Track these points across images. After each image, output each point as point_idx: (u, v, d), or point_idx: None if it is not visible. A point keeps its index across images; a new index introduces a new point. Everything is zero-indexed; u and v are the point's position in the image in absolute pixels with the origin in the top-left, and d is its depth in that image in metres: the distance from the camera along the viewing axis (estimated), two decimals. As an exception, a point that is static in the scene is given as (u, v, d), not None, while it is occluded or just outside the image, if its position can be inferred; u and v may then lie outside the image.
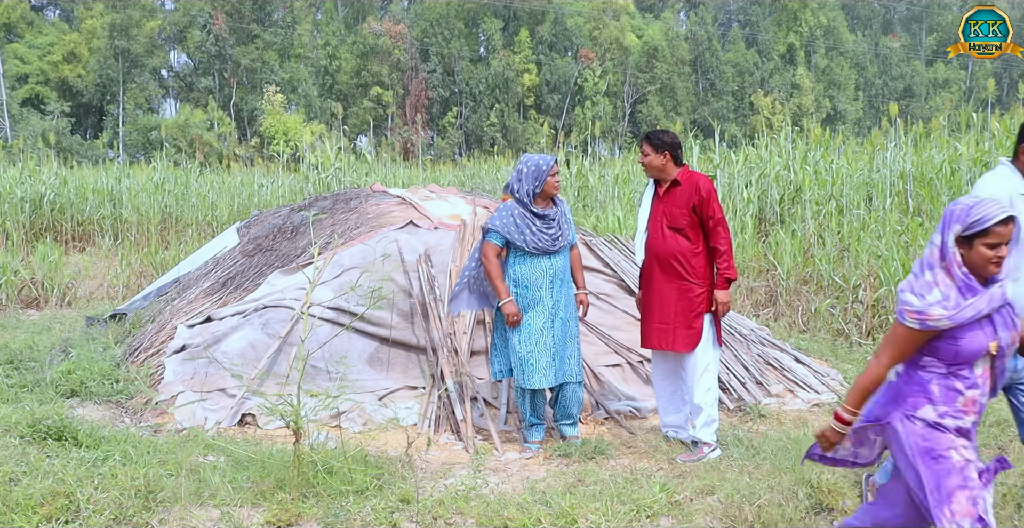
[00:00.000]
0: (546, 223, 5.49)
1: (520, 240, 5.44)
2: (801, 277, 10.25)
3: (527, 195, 5.48)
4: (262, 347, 6.55)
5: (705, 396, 5.42)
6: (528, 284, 5.47)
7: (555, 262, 5.51)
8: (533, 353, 5.43)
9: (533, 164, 5.48)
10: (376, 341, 6.68)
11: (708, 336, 5.44)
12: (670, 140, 5.47)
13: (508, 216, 5.50)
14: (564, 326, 5.53)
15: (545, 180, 5.46)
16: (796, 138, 15.01)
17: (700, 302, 5.39)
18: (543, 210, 5.50)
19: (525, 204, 5.48)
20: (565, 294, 5.55)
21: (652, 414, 6.28)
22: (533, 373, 5.43)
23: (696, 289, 5.39)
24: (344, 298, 6.64)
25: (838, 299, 9.48)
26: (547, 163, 5.47)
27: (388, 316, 6.73)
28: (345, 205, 9.35)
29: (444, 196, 9.21)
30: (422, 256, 7.31)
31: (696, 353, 5.41)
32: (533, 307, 5.46)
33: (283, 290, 7.14)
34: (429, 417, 5.96)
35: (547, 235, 5.47)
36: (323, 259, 7.27)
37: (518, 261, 5.51)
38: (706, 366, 5.42)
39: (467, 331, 6.71)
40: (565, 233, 5.56)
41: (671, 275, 5.41)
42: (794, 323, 9.43)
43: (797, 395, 6.81)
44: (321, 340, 6.18)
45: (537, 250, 5.45)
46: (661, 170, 5.48)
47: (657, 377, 5.74)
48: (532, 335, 5.43)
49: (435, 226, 7.95)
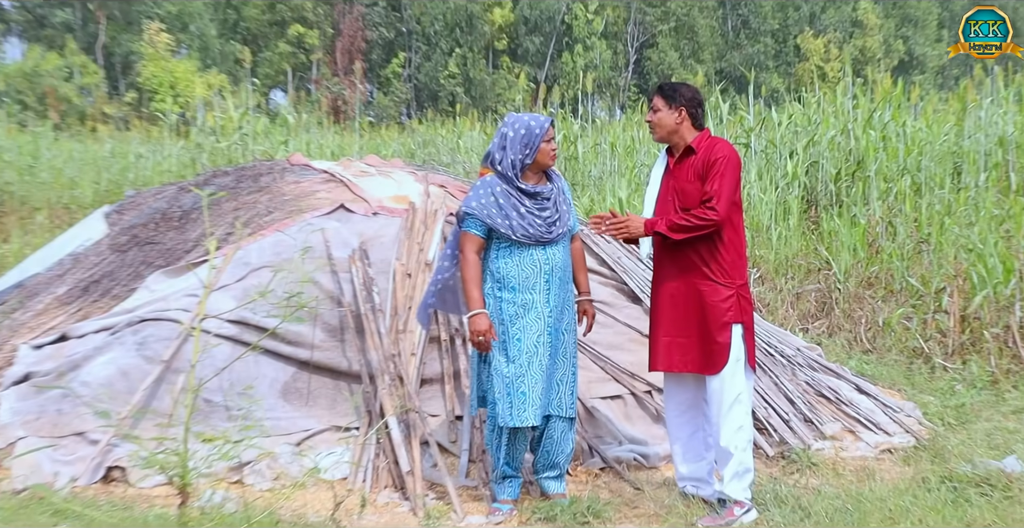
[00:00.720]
0: (539, 203, 5.48)
1: (504, 226, 5.41)
2: (864, 278, 10.33)
3: (513, 167, 5.46)
4: (137, 375, 6.48)
5: (735, 437, 5.42)
6: (516, 285, 5.43)
7: (552, 255, 5.49)
8: (524, 378, 5.38)
9: (523, 126, 5.47)
10: (293, 366, 6.64)
11: (739, 355, 5.44)
12: (689, 95, 5.50)
13: (488, 195, 5.46)
14: (561, 341, 5.52)
15: (538, 147, 5.45)
16: (858, 93, 15.10)
17: (728, 308, 5.40)
18: (534, 186, 5.48)
19: (510, 179, 5.47)
20: (565, 298, 5.55)
21: (664, 463, 6.29)
22: (524, 406, 5.37)
23: (723, 291, 5.39)
24: (250, 308, 6.60)
25: (915, 308, 9.55)
26: (540, 125, 5.47)
27: (310, 332, 6.69)
28: (253, 183, 9.28)
29: (387, 171, 9.18)
30: (356, 251, 7.27)
31: (723, 378, 5.41)
32: (523, 315, 5.42)
33: (167, 298, 7.08)
34: (364, 468, 5.93)
35: (540, 219, 5.45)
36: (222, 255, 7.21)
37: (502, 255, 5.47)
38: (736, 396, 5.42)
39: (416, 352, 6.68)
40: (564, 216, 5.55)
41: (689, 273, 5.42)
42: (855, 340, 9.50)
43: (860, 437, 6.84)
44: (219, 365, 6.11)
45: (527, 239, 5.42)
46: (674, 132, 5.50)
47: (672, 412, 5.73)
48: (523, 353, 5.40)
49: (374, 211, 7.91)
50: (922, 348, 8.98)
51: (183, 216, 9.06)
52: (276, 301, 5.76)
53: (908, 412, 7.32)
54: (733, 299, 5.42)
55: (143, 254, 8.53)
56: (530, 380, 5.38)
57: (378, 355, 6.54)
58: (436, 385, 6.67)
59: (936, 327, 9.17)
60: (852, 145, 13.79)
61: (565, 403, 5.56)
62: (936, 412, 7.43)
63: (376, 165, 9.59)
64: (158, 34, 50.21)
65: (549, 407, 5.51)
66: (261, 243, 7.44)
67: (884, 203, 12.37)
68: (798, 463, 6.29)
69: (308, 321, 6.68)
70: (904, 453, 6.54)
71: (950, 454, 6.34)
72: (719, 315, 5.39)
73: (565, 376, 5.56)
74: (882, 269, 10.30)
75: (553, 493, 5.68)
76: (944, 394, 7.92)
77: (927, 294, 9.53)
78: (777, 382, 7.24)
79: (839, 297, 10.15)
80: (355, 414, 6.42)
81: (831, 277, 10.46)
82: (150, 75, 48.33)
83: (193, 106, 23.00)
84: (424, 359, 6.73)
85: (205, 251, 7.62)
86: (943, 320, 9.14)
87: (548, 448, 5.64)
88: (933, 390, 8.05)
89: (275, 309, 6.12)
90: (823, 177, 13.66)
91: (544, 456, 5.67)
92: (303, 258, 6.83)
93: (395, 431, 6.07)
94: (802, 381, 7.46)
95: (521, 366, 5.38)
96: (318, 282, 6.96)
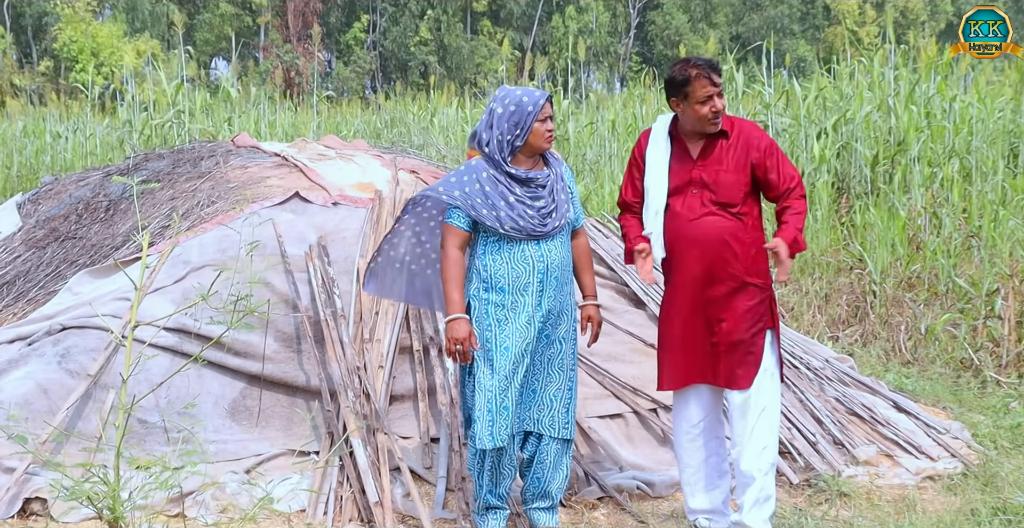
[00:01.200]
0: (531, 191, 5.48)
1: (491, 218, 5.40)
2: (904, 279, 10.37)
3: (501, 149, 5.46)
4: (59, 392, 6.48)
5: (759, 459, 5.45)
6: (505, 286, 5.43)
7: (547, 252, 5.48)
8: (508, 391, 5.41)
9: (513, 101, 5.46)
10: (242, 381, 6.65)
11: (768, 364, 5.48)
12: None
13: (472, 182, 5.47)
14: (558, 351, 5.55)
15: (531, 127, 5.45)
16: (899, 62, 15.12)
17: (764, 312, 5.47)
18: (527, 172, 5.49)
19: (498, 163, 5.49)
20: (562, 302, 5.55)
21: (672, 492, 6.31)
22: (504, 423, 5.41)
23: (758, 293, 5.45)
24: (191, 314, 6.59)
25: (963, 313, 9.58)
26: (534, 102, 5.44)
27: (261, 341, 6.71)
28: (192, 168, 9.30)
29: (348, 154, 9.20)
30: (314, 247, 7.29)
31: (750, 391, 5.45)
32: (512, 320, 5.43)
33: (93, 302, 7.08)
34: (325, 498, 5.93)
35: (533, 210, 5.45)
36: (157, 253, 7.22)
37: (489, 251, 5.46)
38: (763, 409, 5.46)
39: (384, 364, 6.71)
40: (562, 207, 5.53)
41: (722, 274, 5.43)
42: (894, 350, 9.52)
43: (899, 462, 6.87)
44: (155, 380, 6.13)
45: (517, 233, 5.42)
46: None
47: (683, 435, 5.75)
48: (509, 362, 5.40)
49: (334, 201, 7.93)
50: (971, 359, 9.01)
51: (110, 207, 9.07)
52: (221, 305, 5.79)
53: (955, 433, 7.33)
54: (767, 302, 5.48)
55: (64, 251, 8.53)
56: (513, 393, 5.40)
57: (340, 368, 6.55)
58: (408, 402, 6.69)
59: (988, 335, 9.20)
60: (891, 123, 13.78)
61: (559, 422, 5.55)
62: (987, 433, 7.43)
63: (336, 147, 9.61)
64: (77, -8, 50.04)
65: (540, 425, 5.54)
66: (202, 238, 7.45)
67: (928, 191, 12.39)
68: (827, 492, 6.30)
69: (259, 329, 6.68)
70: (950, 481, 6.54)
71: (1003, 482, 6.36)
72: (756, 320, 5.44)
73: (560, 391, 5.55)
74: (925, 268, 10.34)
75: (543, 527, 5.70)
76: (997, 413, 7.95)
77: (977, 297, 9.56)
78: (803, 399, 7.28)
79: (875, 300, 10.18)
80: (314, 436, 6.43)
81: (865, 277, 10.49)
82: (68, 40, 48.07)
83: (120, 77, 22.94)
84: (394, 372, 6.75)
85: (137, 247, 7.62)
86: (996, 327, 9.17)
87: (539, 474, 5.63)
88: (984, 408, 8.07)
89: (220, 315, 6.14)
90: (857, 161, 13.65)
91: (534, 483, 5.66)
92: (252, 255, 6.85)
93: (360, 456, 6.07)
94: (831, 397, 7.49)
95: (506, 378, 5.38)
96: (270, 283, 6.96)
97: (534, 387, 5.53)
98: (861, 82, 14.97)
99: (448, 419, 6.45)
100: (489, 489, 5.58)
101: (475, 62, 55.82)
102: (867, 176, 13.42)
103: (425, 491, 6.20)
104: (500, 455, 5.50)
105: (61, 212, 9.48)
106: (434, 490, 6.19)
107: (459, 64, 55.85)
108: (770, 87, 15.22)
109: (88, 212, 9.17)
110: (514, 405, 5.40)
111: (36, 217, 9.90)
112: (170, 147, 12.42)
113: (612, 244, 8.29)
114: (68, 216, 9.27)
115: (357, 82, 55.34)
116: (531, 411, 5.55)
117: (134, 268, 7.26)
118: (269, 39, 54.68)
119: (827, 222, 11.98)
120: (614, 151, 16.39)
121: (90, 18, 49.90)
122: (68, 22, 48.80)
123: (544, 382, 5.53)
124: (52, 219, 9.40)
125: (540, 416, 5.53)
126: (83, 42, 47.48)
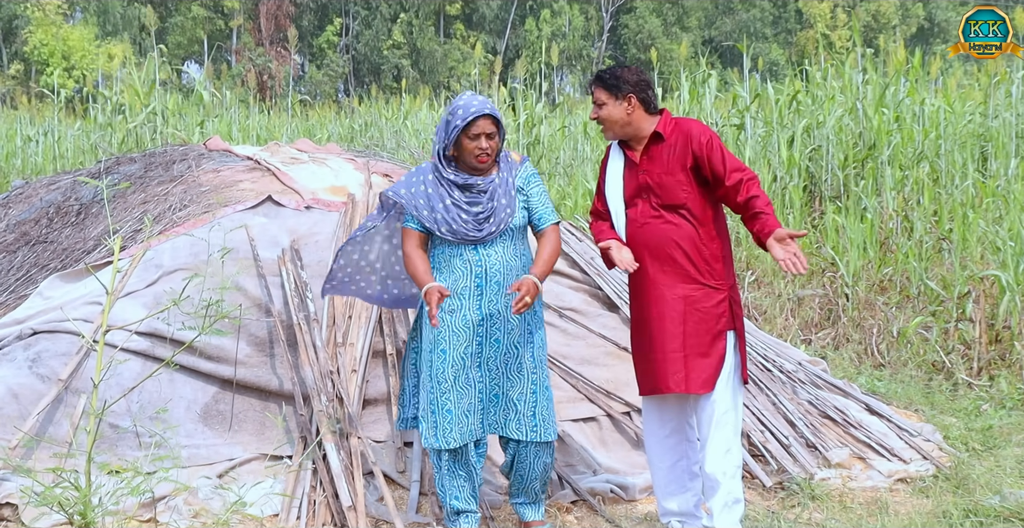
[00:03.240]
0: (470, 197, 5.49)
1: (429, 219, 5.46)
2: (876, 282, 10.41)
3: (439, 154, 5.55)
4: (29, 396, 6.44)
5: (723, 462, 5.47)
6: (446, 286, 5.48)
7: (486, 256, 5.48)
8: (449, 394, 5.43)
9: (451, 111, 5.49)
10: (215, 385, 6.63)
11: (731, 367, 5.51)
12: (635, 78, 5.53)
13: (419, 183, 5.55)
14: (513, 355, 5.55)
15: (456, 141, 5.47)
16: (869, 66, 15.18)
17: (721, 314, 5.47)
18: (466, 178, 5.50)
19: (439, 168, 5.52)
20: (508, 306, 5.55)
21: (645, 495, 6.32)
22: (449, 425, 5.43)
23: (715, 295, 5.46)
24: (163, 318, 6.58)
25: (934, 316, 9.63)
26: (464, 115, 5.42)
27: (233, 346, 6.69)
28: (164, 172, 9.27)
29: (321, 158, 9.19)
30: (287, 251, 7.27)
31: (712, 394, 5.47)
32: (448, 324, 5.46)
33: (64, 306, 7.04)
34: (298, 502, 5.92)
35: (468, 214, 5.46)
36: (129, 257, 7.19)
37: (435, 253, 5.59)
38: (724, 413, 5.48)
39: (357, 368, 6.70)
40: (500, 213, 5.52)
41: (675, 276, 5.46)
42: (866, 353, 9.57)
43: (871, 464, 6.90)
44: (127, 384, 6.11)
45: (452, 235, 5.45)
46: (627, 125, 5.55)
47: (651, 437, 5.77)
48: (449, 366, 5.45)
49: (307, 204, 7.91)
50: (943, 362, 9.06)
51: (81, 210, 9.04)
52: (193, 310, 5.79)
53: (926, 436, 7.37)
54: (724, 304, 5.48)
55: (35, 255, 8.50)
56: (455, 395, 5.44)
57: (313, 372, 6.54)
58: (381, 406, 6.68)
59: (959, 338, 9.25)
60: (862, 126, 13.82)
61: (526, 425, 5.55)
62: (959, 436, 7.49)
63: (309, 151, 9.60)
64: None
65: (508, 429, 5.56)
66: (174, 242, 7.42)
67: (899, 194, 12.46)
68: (799, 495, 6.32)
69: (231, 333, 6.67)
70: (922, 483, 6.57)
71: (975, 484, 6.40)
72: (712, 323, 5.45)
73: (523, 395, 5.55)
74: (896, 271, 10.39)
75: (530, 520, 5.73)
76: (968, 415, 7.99)
77: (949, 300, 9.60)
78: (775, 401, 7.30)
79: (847, 303, 10.22)
80: (287, 440, 6.41)
81: (837, 280, 10.53)
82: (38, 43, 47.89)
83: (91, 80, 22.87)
84: (367, 376, 6.74)
85: (108, 251, 7.59)
86: (967, 330, 9.22)
87: (521, 472, 5.68)
88: (956, 410, 8.11)
89: (192, 319, 6.14)
90: (828, 165, 13.69)
91: (517, 480, 5.72)
92: (224, 259, 6.84)
93: (334, 460, 6.06)
94: (804, 400, 7.52)
95: (447, 381, 5.44)
96: (242, 287, 6.95)
97: (495, 392, 5.56)
98: (832, 86, 15.02)
99: (421, 423, 6.44)
100: (455, 491, 5.60)
101: (448, 66, 55.83)
102: (839, 179, 13.46)
103: (399, 495, 6.19)
104: (455, 457, 5.55)
105: (32, 216, 9.44)
106: (407, 494, 6.19)
107: (432, 68, 55.86)
108: (745, 91, 15.23)
109: (59, 216, 9.13)
110: (463, 410, 5.46)
111: (6, 221, 9.85)
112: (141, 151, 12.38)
113: (585, 247, 8.29)
114: (39, 220, 9.23)
115: (330, 85, 55.30)
116: (497, 416, 5.57)
117: (105, 272, 7.23)
118: (242, 42, 54.60)
119: (799, 225, 12.02)
120: (587, 155, 16.42)
121: (60, 21, 49.69)
122: (39, 25, 48.58)
123: (505, 387, 5.54)
124: (23, 223, 9.36)
125: (507, 420, 5.55)
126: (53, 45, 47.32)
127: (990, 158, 13.34)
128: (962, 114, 14.09)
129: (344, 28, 58.22)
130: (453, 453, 5.52)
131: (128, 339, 6.55)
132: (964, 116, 14.06)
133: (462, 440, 5.46)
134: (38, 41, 47.84)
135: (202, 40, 51.01)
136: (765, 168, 13.41)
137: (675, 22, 60.52)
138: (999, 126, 13.60)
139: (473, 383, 5.47)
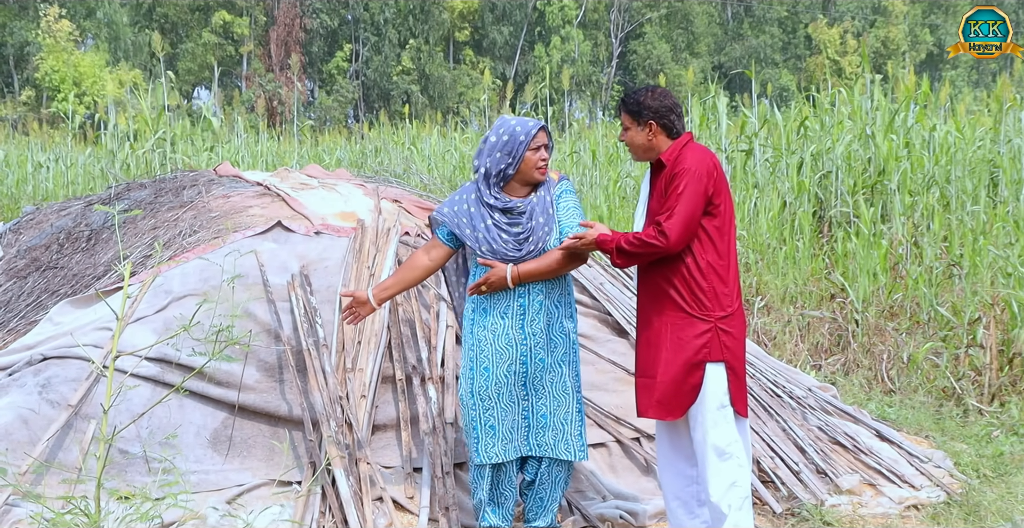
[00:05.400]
0: (512, 219, 5.56)
1: (471, 238, 5.59)
2: (886, 308, 10.38)
3: (486, 178, 5.59)
4: (39, 422, 6.45)
5: (728, 495, 5.45)
6: (487, 307, 5.59)
7: None
8: (493, 411, 5.55)
9: (507, 131, 5.54)
10: (224, 411, 6.62)
11: (722, 400, 5.47)
12: (656, 104, 5.52)
13: (462, 201, 5.66)
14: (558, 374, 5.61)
15: (523, 156, 5.54)
16: (878, 91, 15.19)
17: (702, 345, 5.43)
18: (506, 201, 5.56)
19: (481, 190, 5.57)
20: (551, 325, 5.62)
21: (655, 521, 6.30)
22: (492, 442, 5.56)
23: (698, 325, 5.43)
24: (173, 344, 6.58)
25: (945, 342, 9.60)
26: (526, 130, 5.53)
27: (243, 371, 6.69)
28: (174, 198, 9.29)
29: (331, 184, 9.20)
30: (296, 277, 7.28)
31: (705, 427, 5.45)
32: (491, 343, 5.57)
33: (74, 332, 7.04)
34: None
35: (508, 234, 5.54)
36: (139, 282, 7.20)
37: (478, 273, 5.67)
38: (724, 449, 5.47)
39: (367, 393, 6.69)
40: (538, 231, 5.57)
41: (662, 304, 5.47)
42: (876, 379, 9.53)
43: (881, 491, 6.87)
44: (136, 410, 6.11)
45: (492, 255, 5.53)
46: (649, 150, 5.57)
47: (664, 463, 5.77)
48: (492, 384, 5.55)
49: (316, 230, 7.92)
50: (953, 388, 9.03)
51: (92, 236, 9.05)
52: (203, 336, 5.78)
53: (937, 462, 7.34)
54: (709, 334, 5.44)
55: (45, 281, 8.51)
56: (499, 413, 5.53)
57: (323, 397, 6.54)
58: (391, 432, 6.67)
59: (970, 364, 9.22)
60: (871, 152, 13.82)
61: (574, 445, 5.64)
62: (970, 462, 7.45)
63: (319, 176, 9.61)
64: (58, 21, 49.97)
65: (554, 450, 5.61)
66: (184, 268, 7.43)
67: (909, 220, 12.45)
68: (810, 521, 6.31)
69: (240, 359, 6.66)
70: (933, 510, 6.55)
71: (986, 511, 6.39)
72: (690, 352, 5.43)
73: (570, 414, 5.63)
74: (906, 297, 10.36)
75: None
76: (979, 441, 7.96)
77: (959, 326, 9.57)
78: (785, 428, 7.28)
79: (856, 329, 10.20)
80: (296, 466, 6.41)
81: (847, 306, 10.51)
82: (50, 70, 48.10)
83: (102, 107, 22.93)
84: (377, 402, 6.73)
85: (118, 277, 7.60)
86: (978, 356, 9.19)
87: (541, 494, 5.74)
88: (966, 437, 8.08)
89: (202, 345, 6.14)
90: (838, 191, 13.68)
91: (536, 503, 5.77)
92: (233, 285, 6.84)
93: (343, 485, 6.05)
94: (814, 426, 7.50)
95: (490, 399, 5.54)
96: (252, 313, 6.95)
97: (542, 412, 5.62)
98: (841, 112, 15.03)
99: (431, 448, 6.43)
100: (490, 508, 5.73)
101: (457, 91, 56.02)
102: (848, 205, 13.44)
103: (407, 521, 6.17)
104: (498, 472, 5.66)
105: (42, 242, 9.47)
106: (416, 520, 6.17)
107: (441, 93, 56.03)
108: (754, 116, 15.24)
109: (70, 242, 9.15)
110: (508, 427, 5.55)
111: (17, 247, 9.88)
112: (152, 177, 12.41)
113: (595, 273, 8.28)
114: (49, 246, 9.25)
115: (339, 111, 55.45)
116: (544, 436, 5.63)
117: (115, 298, 7.24)
118: (252, 68, 54.83)
119: (808, 251, 12.00)
120: (595, 180, 16.40)
121: (72, 48, 49.89)
122: (50, 52, 48.80)
123: (552, 407, 5.60)
124: (33, 249, 9.38)
125: (555, 441, 5.61)
126: (65, 71, 47.51)
127: (1000, 184, 13.33)
128: (972, 140, 14.08)
129: (354, 54, 58.39)
130: (496, 469, 5.63)
131: (138, 365, 6.56)
132: (974, 142, 14.05)
133: (505, 457, 5.56)
134: (49, 68, 48.06)
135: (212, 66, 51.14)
136: (774, 193, 13.40)
137: (684, 48, 60.63)
138: (1009, 152, 13.59)
139: (517, 401, 5.56)
